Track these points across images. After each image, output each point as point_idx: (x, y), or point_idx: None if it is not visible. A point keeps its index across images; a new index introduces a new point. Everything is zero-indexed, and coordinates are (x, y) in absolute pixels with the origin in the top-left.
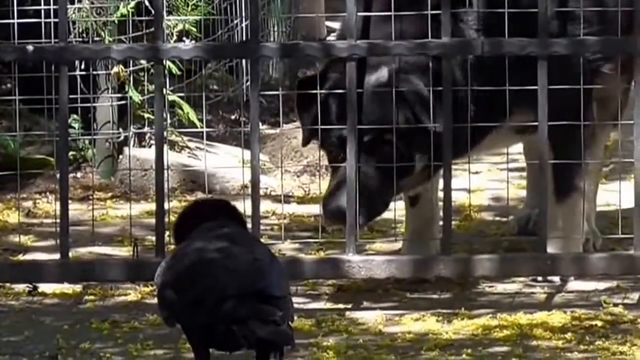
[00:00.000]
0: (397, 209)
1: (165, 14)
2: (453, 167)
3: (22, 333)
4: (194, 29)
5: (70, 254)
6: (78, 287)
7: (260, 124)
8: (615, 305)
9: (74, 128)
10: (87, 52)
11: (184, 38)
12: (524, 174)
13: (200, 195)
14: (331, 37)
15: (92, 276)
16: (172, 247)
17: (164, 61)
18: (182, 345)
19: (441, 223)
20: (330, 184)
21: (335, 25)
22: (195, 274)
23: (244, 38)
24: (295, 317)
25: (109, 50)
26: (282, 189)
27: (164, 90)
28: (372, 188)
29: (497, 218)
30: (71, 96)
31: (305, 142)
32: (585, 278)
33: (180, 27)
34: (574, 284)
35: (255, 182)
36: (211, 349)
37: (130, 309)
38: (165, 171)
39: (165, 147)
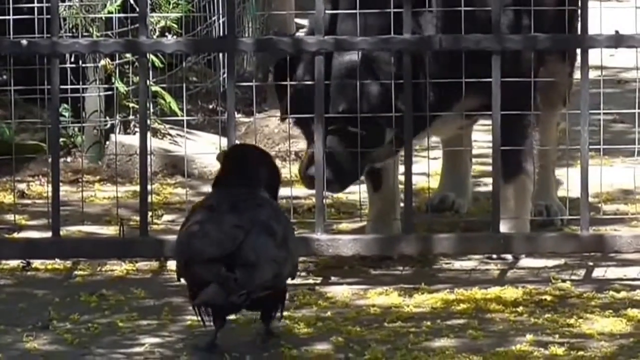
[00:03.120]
0: (361, 192)
1: (148, 11)
2: (414, 153)
3: (16, 305)
4: (175, 25)
5: (61, 233)
6: (68, 263)
7: (235, 113)
8: (564, 281)
9: (65, 116)
10: (76, 46)
11: (166, 33)
12: (480, 159)
13: (180, 179)
14: (300, 33)
15: (81, 253)
16: (157, 223)
17: (148, 55)
18: (165, 317)
19: (402, 205)
20: (307, 153)
21: (304, 22)
22: (184, 237)
23: (221, 34)
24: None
25: (97, 44)
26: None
27: (148, 82)
28: (346, 158)
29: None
30: (62, 87)
31: (283, 118)
32: (535, 256)
33: (162, 23)
34: (526, 261)
35: None
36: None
37: (116, 283)
38: (149, 156)
39: (149, 134)
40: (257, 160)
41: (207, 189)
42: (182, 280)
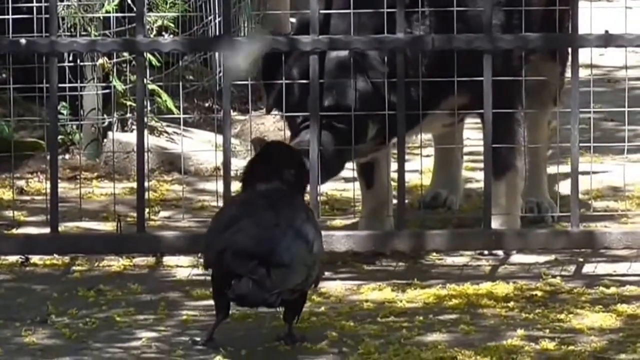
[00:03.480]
0: (355, 189)
1: (146, 11)
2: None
3: (15, 300)
4: (172, 25)
5: (59, 228)
6: (66, 259)
7: (231, 111)
8: (554, 276)
9: (63, 114)
10: (75, 45)
11: (163, 33)
12: (472, 157)
13: (176, 176)
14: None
15: (79, 248)
16: (153, 219)
17: (145, 54)
18: (161, 311)
19: (395, 202)
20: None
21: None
22: (220, 229)
23: (217, 33)
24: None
25: (95, 43)
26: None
27: (145, 80)
28: (330, 150)
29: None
30: (60, 85)
31: (269, 111)
32: (526, 252)
33: (159, 22)
34: (517, 257)
35: (226, 164)
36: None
37: (113, 279)
38: (146, 153)
39: (146, 132)
40: (290, 159)
41: (204, 185)
42: (210, 270)
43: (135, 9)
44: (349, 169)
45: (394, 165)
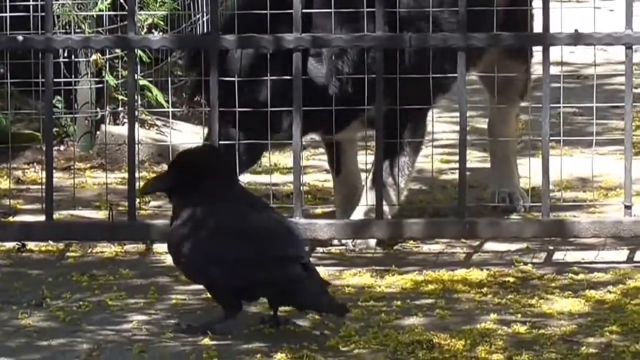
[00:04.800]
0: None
1: (137, 9)
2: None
3: (12, 284)
4: (162, 23)
5: (54, 216)
6: (61, 245)
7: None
8: (526, 264)
9: (58, 108)
10: (69, 42)
11: (153, 30)
12: (446, 150)
13: (166, 167)
14: None
15: (73, 235)
16: (144, 208)
17: (136, 50)
18: (152, 295)
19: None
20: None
21: None
22: (236, 237)
23: (205, 31)
24: None
25: (89, 40)
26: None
27: (136, 76)
28: (245, 143)
29: (423, 188)
30: (56, 80)
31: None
32: (499, 240)
33: (150, 21)
34: (490, 245)
35: None
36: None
37: (106, 264)
38: (136, 145)
39: (136, 125)
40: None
41: None
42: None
43: (126, 8)
44: None
45: (370, 158)
